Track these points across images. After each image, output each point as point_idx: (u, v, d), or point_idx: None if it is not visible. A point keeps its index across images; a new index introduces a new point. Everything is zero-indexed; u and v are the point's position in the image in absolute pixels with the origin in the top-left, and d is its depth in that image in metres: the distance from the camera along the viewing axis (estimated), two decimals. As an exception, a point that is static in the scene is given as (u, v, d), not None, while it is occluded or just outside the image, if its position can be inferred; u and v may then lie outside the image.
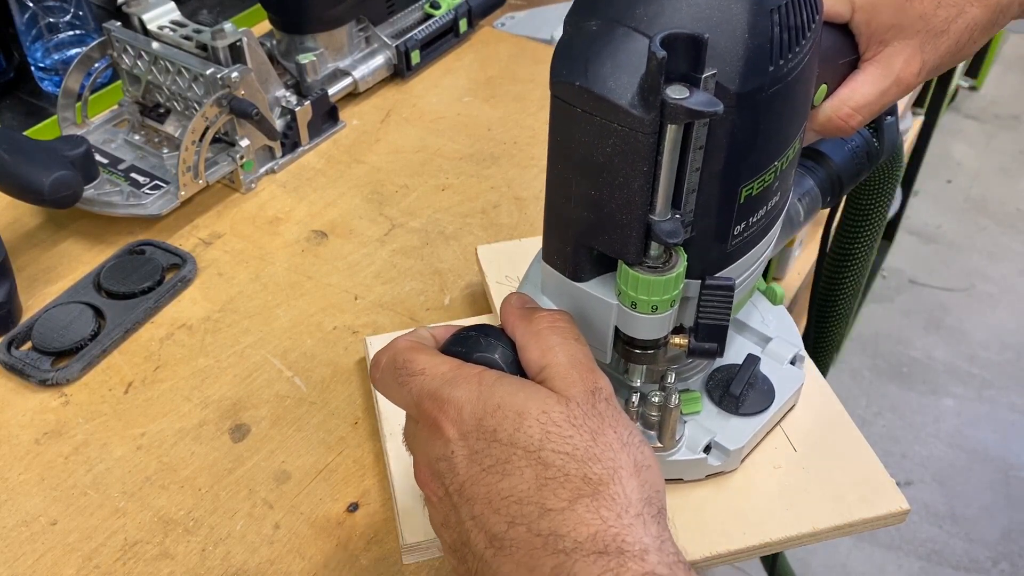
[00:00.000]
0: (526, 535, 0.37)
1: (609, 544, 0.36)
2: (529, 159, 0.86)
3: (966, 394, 1.90)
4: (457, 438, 0.40)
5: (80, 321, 0.68)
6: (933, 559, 1.62)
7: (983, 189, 2.43)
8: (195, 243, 0.77)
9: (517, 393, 0.40)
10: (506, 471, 0.38)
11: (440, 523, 0.42)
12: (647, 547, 0.36)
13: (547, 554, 0.37)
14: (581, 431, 0.39)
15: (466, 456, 0.40)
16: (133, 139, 0.83)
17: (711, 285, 0.46)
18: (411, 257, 0.76)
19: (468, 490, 0.39)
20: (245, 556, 0.55)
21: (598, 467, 0.38)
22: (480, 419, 0.40)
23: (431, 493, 0.42)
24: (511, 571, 0.38)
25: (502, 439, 0.39)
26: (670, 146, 0.40)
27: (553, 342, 0.43)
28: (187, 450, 0.61)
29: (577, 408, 0.40)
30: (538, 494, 0.38)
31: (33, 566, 0.54)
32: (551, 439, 0.38)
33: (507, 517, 0.38)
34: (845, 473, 0.56)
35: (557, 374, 0.41)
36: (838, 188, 0.62)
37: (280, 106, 0.85)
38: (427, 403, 0.41)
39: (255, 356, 0.67)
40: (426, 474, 0.42)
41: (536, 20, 1.09)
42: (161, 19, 0.82)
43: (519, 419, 0.39)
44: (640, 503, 0.38)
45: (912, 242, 2.26)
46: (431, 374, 0.42)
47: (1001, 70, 2.87)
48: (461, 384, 0.41)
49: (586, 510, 0.37)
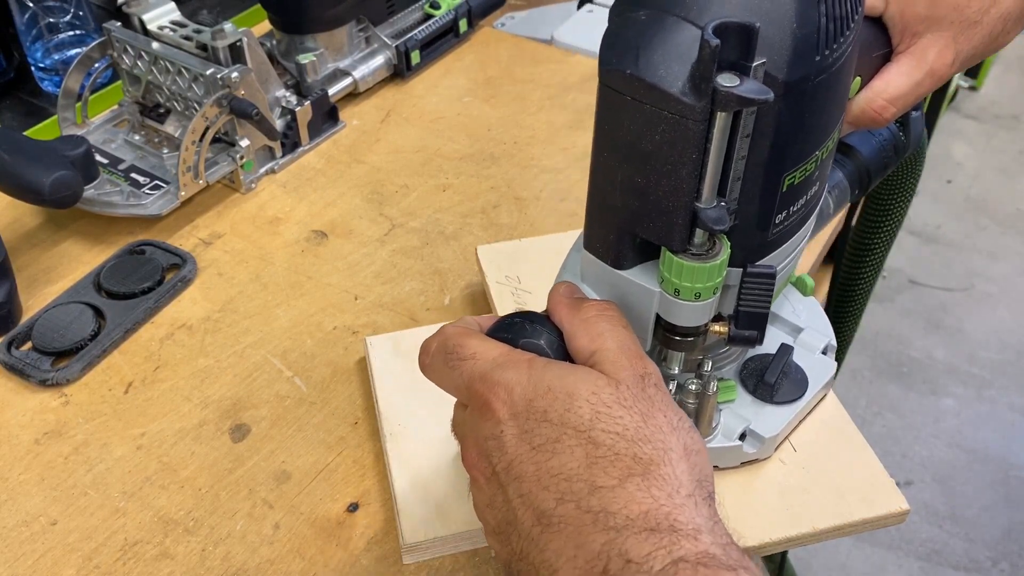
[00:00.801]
0: (575, 512, 0.37)
1: (661, 522, 0.36)
2: (529, 159, 0.86)
3: (966, 394, 1.90)
4: (508, 418, 0.40)
5: (80, 321, 0.68)
6: (933, 559, 1.62)
7: (983, 189, 2.43)
8: (195, 243, 0.77)
9: (567, 376, 0.40)
10: (556, 450, 0.39)
11: (485, 504, 0.42)
12: (700, 527, 0.36)
13: (597, 531, 0.37)
14: (631, 412, 0.39)
15: (516, 435, 0.40)
16: (133, 139, 0.83)
17: (753, 273, 0.46)
18: (411, 257, 0.76)
19: (516, 468, 0.40)
20: (245, 556, 0.55)
21: (648, 447, 0.38)
22: (531, 400, 0.40)
23: (479, 474, 0.42)
24: (559, 547, 0.37)
25: (552, 419, 0.39)
26: (719, 134, 0.40)
27: (602, 328, 0.43)
28: (187, 450, 0.61)
29: (627, 390, 0.40)
30: (588, 472, 0.38)
31: (33, 566, 0.54)
32: (601, 419, 0.39)
33: (556, 494, 0.38)
34: (845, 473, 0.56)
35: (607, 359, 0.42)
36: (866, 181, 0.62)
37: (280, 106, 0.85)
38: (478, 385, 0.42)
39: (255, 356, 0.67)
40: (474, 455, 0.42)
41: (536, 20, 1.09)
42: (161, 19, 0.82)
43: (569, 400, 0.39)
44: (691, 484, 0.38)
45: (912, 242, 2.26)
46: (482, 358, 0.43)
47: (1001, 70, 2.86)
48: (511, 367, 0.41)
49: (637, 488, 0.37)
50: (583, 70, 0.96)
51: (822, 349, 0.60)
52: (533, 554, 0.38)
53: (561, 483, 0.38)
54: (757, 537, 0.53)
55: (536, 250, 0.71)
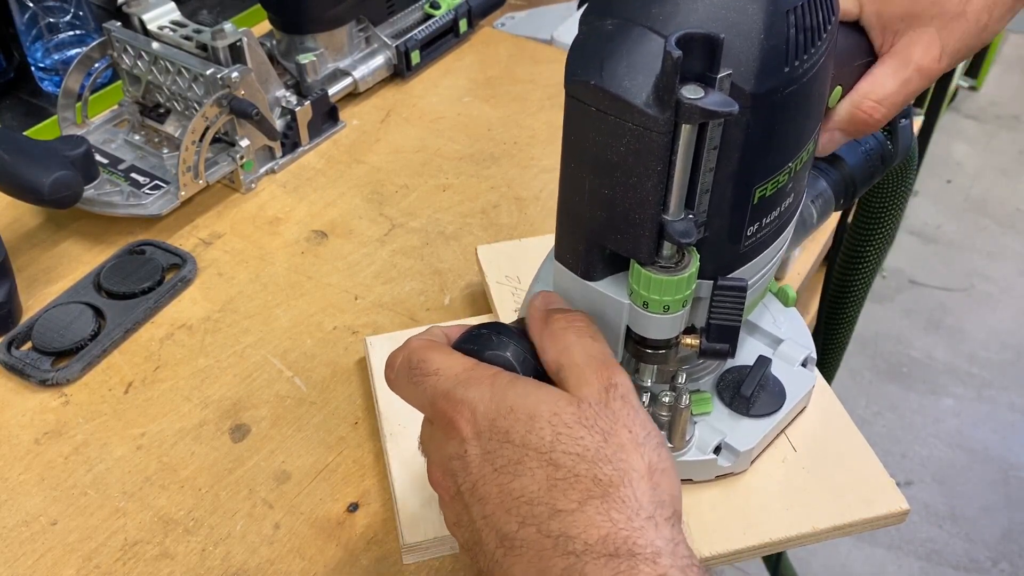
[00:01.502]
0: (536, 536, 0.37)
1: (620, 547, 0.36)
2: (529, 159, 0.86)
3: (966, 394, 1.90)
4: (471, 437, 0.40)
5: (80, 321, 0.68)
6: (933, 559, 1.62)
7: (983, 189, 2.44)
8: (195, 243, 0.77)
9: (529, 395, 0.40)
10: (518, 472, 0.38)
11: (453, 522, 0.42)
12: (659, 550, 0.36)
13: (557, 555, 0.36)
14: (592, 432, 0.39)
15: (479, 456, 0.40)
16: (133, 139, 0.84)
17: (724, 286, 0.46)
18: (411, 257, 0.76)
19: (480, 489, 0.39)
20: (245, 556, 0.55)
21: (608, 468, 0.38)
22: (493, 420, 0.40)
23: (444, 492, 0.42)
24: (522, 571, 0.37)
25: (514, 440, 0.39)
26: (684, 146, 0.40)
27: (569, 341, 0.43)
28: (187, 450, 0.61)
29: (589, 409, 0.39)
30: (548, 495, 0.38)
31: (33, 566, 0.54)
32: (561, 440, 0.38)
33: (518, 517, 0.38)
34: (845, 473, 0.56)
35: (572, 374, 0.41)
36: (852, 191, 0.61)
37: (280, 106, 0.85)
38: (441, 403, 0.42)
39: (255, 356, 0.67)
40: (439, 473, 0.42)
41: (536, 20, 1.09)
42: (161, 19, 0.82)
43: (531, 421, 0.39)
44: (652, 506, 0.38)
45: (912, 242, 2.26)
46: (445, 374, 0.42)
47: (1001, 70, 2.87)
48: (475, 385, 0.41)
49: (596, 512, 0.37)
50: (583, 70, 0.96)
51: (802, 361, 0.59)
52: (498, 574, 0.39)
53: (523, 506, 0.38)
54: (757, 537, 0.53)
55: (536, 250, 0.71)
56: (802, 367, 0.59)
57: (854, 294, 0.87)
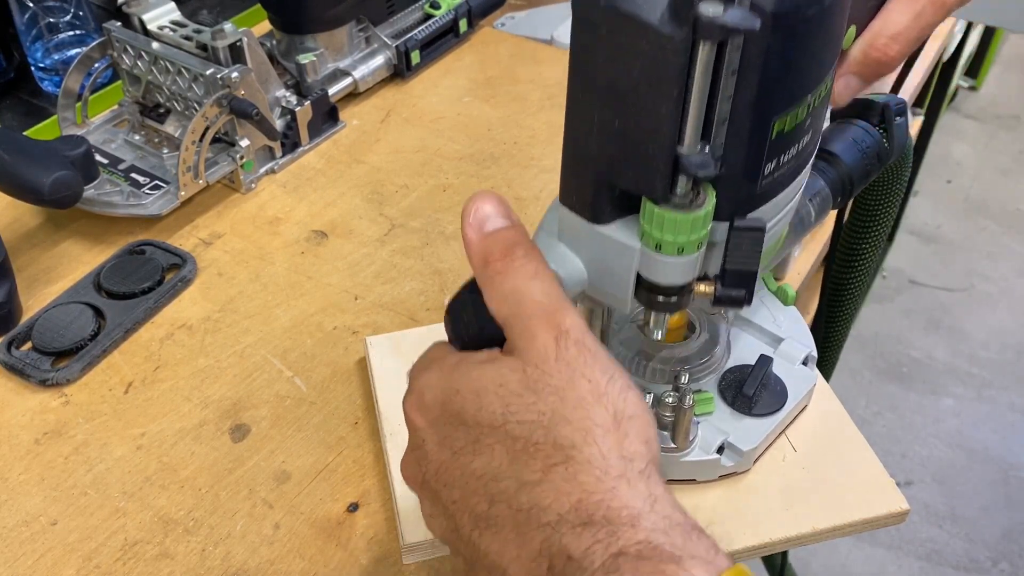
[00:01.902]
0: (508, 512, 0.36)
1: (594, 513, 0.34)
2: (529, 159, 0.86)
3: (966, 394, 1.90)
4: (426, 426, 0.39)
5: (80, 321, 0.68)
6: (933, 559, 1.62)
7: (983, 189, 2.44)
8: (195, 243, 0.77)
9: (471, 372, 0.38)
10: (476, 451, 0.37)
11: (428, 514, 0.41)
12: (637, 512, 0.34)
13: (532, 528, 0.35)
14: (544, 394, 0.36)
15: (436, 443, 0.39)
16: (133, 139, 0.84)
17: (741, 227, 0.43)
18: (411, 257, 0.76)
19: (444, 475, 0.38)
20: (245, 556, 0.55)
21: (567, 429, 0.35)
22: (443, 404, 0.39)
23: (413, 485, 0.41)
24: (501, 549, 0.36)
25: (467, 421, 0.37)
26: (701, 68, 0.37)
27: (508, 289, 0.39)
28: (187, 450, 0.61)
29: (536, 370, 0.37)
30: (511, 468, 0.36)
31: (33, 566, 0.54)
32: (513, 411, 0.36)
33: (487, 496, 0.36)
34: (845, 473, 0.56)
35: (517, 328, 0.38)
36: (849, 189, 0.61)
37: (280, 106, 0.85)
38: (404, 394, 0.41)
39: (255, 356, 0.67)
40: (405, 467, 0.42)
41: (536, 20, 1.09)
42: (161, 19, 0.82)
43: (478, 398, 0.37)
44: (621, 462, 0.35)
45: (912, 242, 2.27)
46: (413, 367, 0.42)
47: (1001, 70, 2.86)
48: (424, 371, 0.40)
49: (562, 479, 0.35)
50: (583, 70, 0.96)
51: (802, 360, 0.59)
52: (480, 558, 0.37)
53: (489, 484, 0.36)
54: (757, 537, 0.53)
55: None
56: (803, 366, 0.59)
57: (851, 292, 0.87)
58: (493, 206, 0.42)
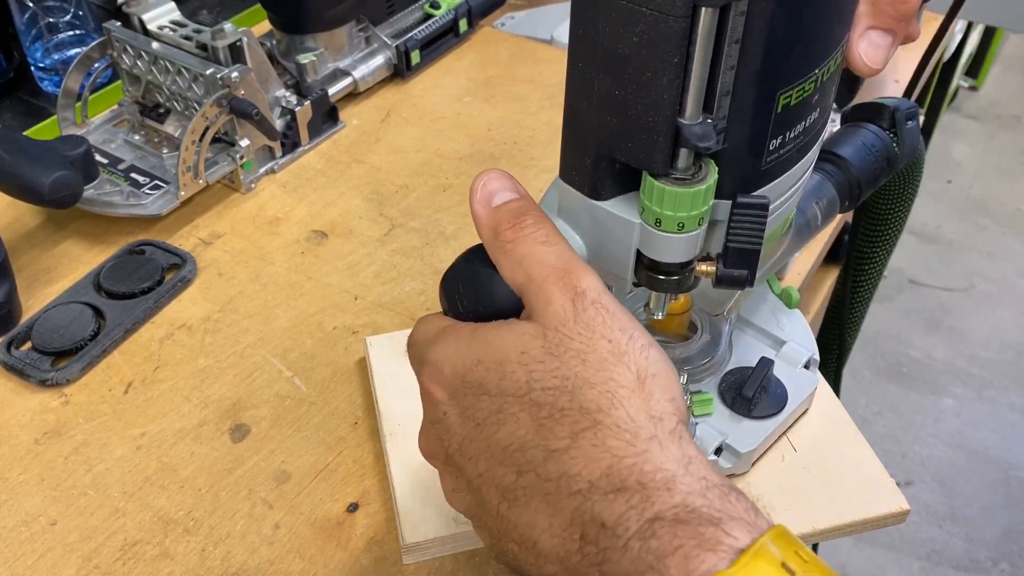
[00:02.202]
0: (537, 481, 0.35)
1: (626, 478, 0.33)
2: (529, 159, 0.86)
3: (966, 394, 1.90)
4: (446, 399, 0.38)
5: (80, 321, 0.68)
6: (933, 559, 1.62)
7: (983, 189, 2.44)
8: (195, 243, 0.77)
9: (492, 341, 0.37)
10: (500, 421, 0.36)
11: (450, 490, 0.40)
12: (672, 474, 0.33)
13: (563, 497, 0.34)
14: (566, 358, 0.35)
15: (458, 415, 0.38)
16: (133, 139, 0.83)
17: (744, 204, 0.42)
18: (411, 257, 0.76)
19: (468, 448, 0.37)
20: (245, 556, 0.55)
21: (592, 393, 0.34)
22: (463, 375, 0.37)
23: (435, 460, 0.40)
24: (531, 520, 0.35)
25: (490, 390, 0.36)
26: (704, 34, 0.36)
27: (521, 255, 0.39)
28: (187, 450, 0.61)
29: (556, 334, 0.36)
30: (537, 436, 0.35)
31: (33, 566, 0.54)
32: (536, 378, 0.35)
33: (514, 467, 0.35)
34: (845, 473, 0.56)
35: (533, 293, 0.38)
36: (856, 193, 0.61)
37: (280, 106, 0.85)
38: (416, 368, 0.40)
39: (255, 356, 0.67)
40: (425, 442, 0.40)
41: (536, 20, 1.09)
42: (161, 19, 0.82)
43: (500, 367, 0.36)
44: (651, 423, 0.34)
45: (912, 242, 2.27)
46: (418, 341, 0.40)
47: (1001, 70, 2.87)
48: (439, 343, 0.39)
49: (591, 445, 0.34)
50: (583, 70, 0.96)
51: (804, 363, 0.59)
52: (509, 531, 0.36)
53: (515, 454, 0.35)
54: (757, 537, 0.53)
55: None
56: (804, 369, 0.59)
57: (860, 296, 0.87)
58: (500, 181, 0.42)
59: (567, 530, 0.34)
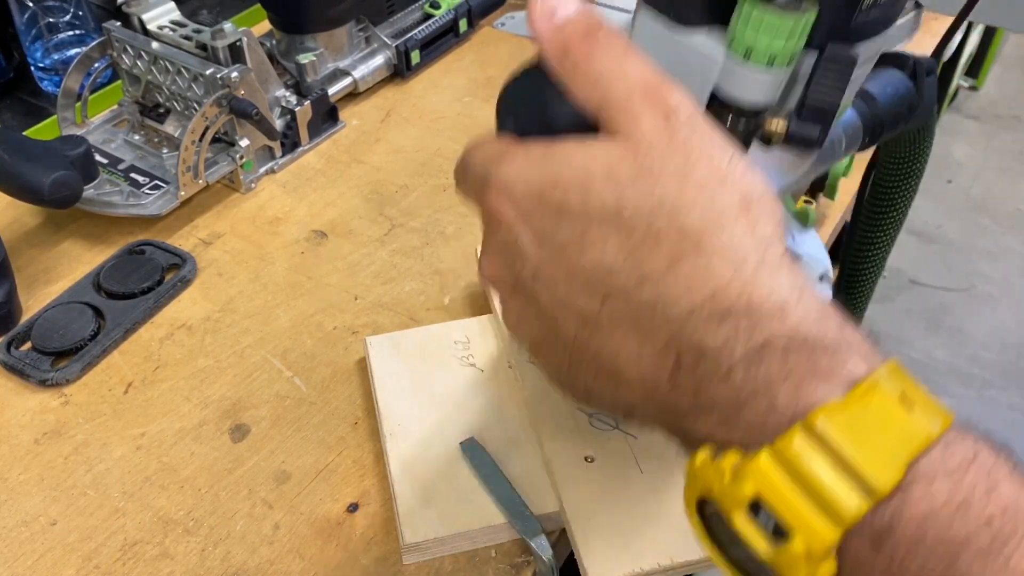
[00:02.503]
0: (626, 307, 0.32)
1: (734, 303, 0.30)
2: (529, 159, 0.86)
3: (966, 394, 1.90)
4: (518, 221, 0.34)
5: (80, 321, 0.68)
6: (933, 559, 1.62)
7: (983, 189, 2.44)
8: (195, 243, 0.77)
9: (573, 158, 0.33)
10: (584, 245, 0.33)
11: (516, 319, 0.37)
12: (783, 300, 0.30)
13: (656, 323, 0.31)
14: (662, 178, 0.32)
15: (533, 238, 0.34)
16: (133, 139, 0.83)
17: (833, 55, 0.40)
18: (411, 257, 0.76)
19: (544, 272, 0.34)
20: (245, 556, 0.55)
21: (695, 215, 0.31)
22: (539, 195, 0.34)
23: (501, 286, 0.37)
24: (616, 348, 0.33)
25: (572, 212, 0.33)
26: None
27: (602, 69, 0.34)
28: (187, 450, 0.61)
29: (648, 151, 0.32)
30: (629, 261, 0.32)
31: (33, 566, 0.54)
32: (628, 199, 0.32)
33: (599, 293, 0.33)
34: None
35: (617, 110, 0.34)
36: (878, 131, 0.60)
37: (280, 106, 0.85)
38: (480, 193, 0.36)
39: (255, 356, 0.67)
40: (491, 267, 0.37)
41: (536, 20, 1.09)
42: (161, 19, 0.82)
43: (584, 187, 0.33)
44: (758, 248, 0.31)
45: (912, 242, 2.27)
46: (476, 161, 0.36)
47: (1001, 70, 2.87)
48: (506, 162, 0.35)
49: (693, 268, 0.31)
50: (583, 70, 0.96)
51: (819, 276, 0.58)
52: (586, 360, 0.34)
53: (602, 279, 0.32)
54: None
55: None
56: (819, 281, 0.59)
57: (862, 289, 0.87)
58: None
59: (658, 357, 0.32)
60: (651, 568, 0.49)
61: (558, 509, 0.53)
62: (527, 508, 0.53)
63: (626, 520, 0.51)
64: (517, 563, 0.53)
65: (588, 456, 0.55)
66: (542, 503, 0.54)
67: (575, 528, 0.51)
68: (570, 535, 0.52)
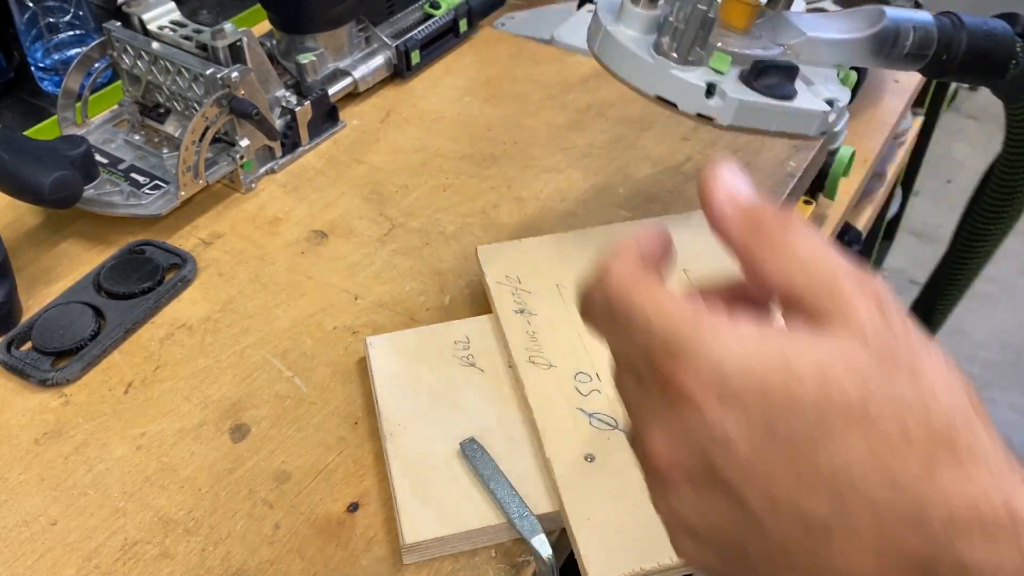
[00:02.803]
0: (869, 514, 0.29)
1: (997, 511, 0.28)
2: (529, 159, 0.86)
3: (966, 394, 1.90)
4: (727, 407, 0.30)
5: (80, 321, 0.68)
6: (933, 559, 1.62)
7: (983, 189, 2.43)
8: (195, 243, 0.77)
9: (801, 344, 0.30)
10: (819, 442, 0.29)
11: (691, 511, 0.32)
12: None
13: (907, 534, 0.29)
14: (898, 373, 0.29)
15: (749, 428, 0.30)
16: (133, 139, 0.84)
17: None
18: (411, 257, 0.76)
19: (761, 468, 0.30)
20: (245, 556, 0.55)
21: (939, 415, 0.29)
22: (762, 382, 0.30)
23: (679, 473, 0.32)
24: (847, 562, 0.29)
25: (807, 403, 0.29)
26: None
27: (799, 253, 0.32)
28: (187, 450, 0.61)
29: (878, 341, 0.30)
30: (876, 461, 0.29)
31: (33, 566, 0.54)
32: (872, 394, 0.29)
33: (832, 496, 0.29)
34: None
35: (825, 295, 0.31)
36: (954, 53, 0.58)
37: (280, 106, 0.85)
38: (667, 365, 0.31)
39: (255, 356, 0.67)
40: (669, 449, 0.32)
41: (536, 20, 1.09)
42: (161, 19, 0.82)
43: (823, 378, 0.29)
44: (1004, 452, 0.29)
45: (912, 242, 2.27)
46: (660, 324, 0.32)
47: (1001, 70, 2.86)
48: (708, 335, 0.30)
49: (949, 472, 0.28)
50: (583, 70, 0.96)
51: (826, 100, 0.60)
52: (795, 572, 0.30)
53: (839, 481, 0.29)
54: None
55: (536, 250, 0.71)
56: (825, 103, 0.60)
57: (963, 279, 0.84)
58: (742, 179, 0.35)
59: (899, 572, 0.29)
60: (651, 568, 0.49)
61: (558, 509, 0.53)
62: (527, 508, 0.53)
63: (626, 520, 0.51)
64: (517, 563, 0.53)
65: (588, 456, 0.55)
66: (542, 503, 0.54)
67: (575, 528, 0.51)
68: (570, 535, 0.52)
